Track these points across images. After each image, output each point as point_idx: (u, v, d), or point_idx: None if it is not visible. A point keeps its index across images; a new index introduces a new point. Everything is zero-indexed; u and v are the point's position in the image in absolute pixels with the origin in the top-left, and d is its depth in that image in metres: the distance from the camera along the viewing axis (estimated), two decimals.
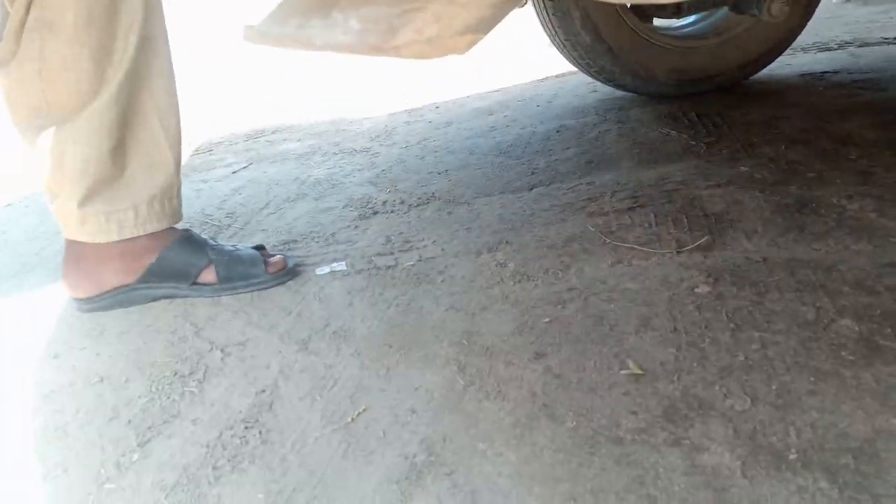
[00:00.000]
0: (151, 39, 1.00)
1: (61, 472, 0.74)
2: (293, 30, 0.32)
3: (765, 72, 1.93)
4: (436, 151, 1.74)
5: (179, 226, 1.12)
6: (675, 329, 0.82)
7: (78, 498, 0.69)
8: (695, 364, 0.75)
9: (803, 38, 2.17)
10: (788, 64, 2.04)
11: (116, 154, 1.02)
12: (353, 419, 0.76)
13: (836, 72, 1.89)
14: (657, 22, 1.89)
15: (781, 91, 1.78)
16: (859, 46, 2.17)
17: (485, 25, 0.32)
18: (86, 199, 1.00)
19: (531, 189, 1.37)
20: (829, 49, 2.19)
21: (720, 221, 1.09)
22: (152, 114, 1.03)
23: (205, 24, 4.33)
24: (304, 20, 0.32)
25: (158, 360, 0.93)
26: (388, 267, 1.12)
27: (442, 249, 1.16)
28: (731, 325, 0.81)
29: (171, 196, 1.06)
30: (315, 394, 0.82)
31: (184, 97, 1.11)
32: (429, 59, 0.32)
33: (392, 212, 1.37)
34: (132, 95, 1.00)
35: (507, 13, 0.34)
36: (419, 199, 1.42)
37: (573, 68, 1.98)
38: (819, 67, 1.96)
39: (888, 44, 2.14)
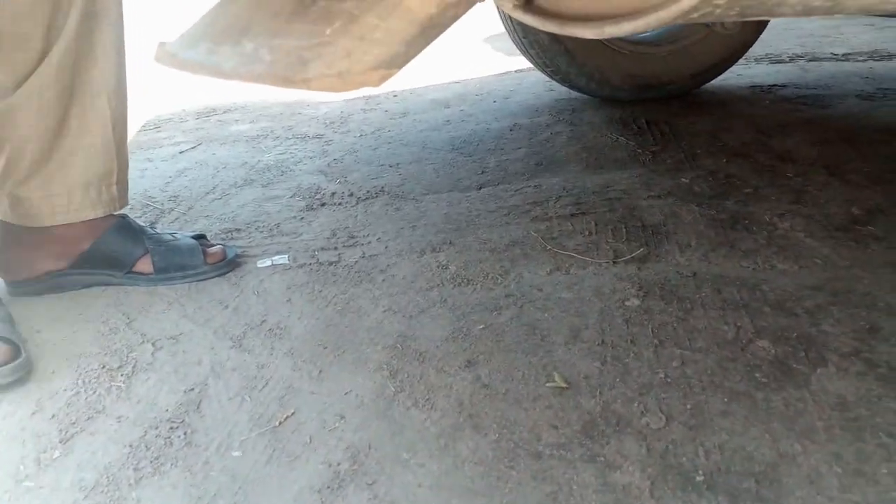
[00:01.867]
0: (97, 16, 0.97)
1: None
2: (203, 55, 0.32)
3: (717, 81, 1.98)
4: (389, 143, 1.73)
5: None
6: (603, 342, 0.85)
7: None
8: (617, 379, 0.77)
9: (757, 48, 2.22)
10: (740, 74, 2.09)
11: (55, 135, 0.98)
12: (280, 423, 0.76)
13: (784, 85, 1.94)
14: None
15: (729, 102, 1.82)
16: (809, 61, 2.23)
17: (399, 61, 0.33)
18: (19, 182, 0.98)
19: (479, 188, 1.38)
20: (780, 61, 2.25)
21: (657, 233, 1.12)
22: (99, 94, 0.99)
23: None
24: (215, 46, 0.32)
25: (87, 351, 0.92)
26: (331, 263, 1.12)
27: (386, 247, 1.16)
28: (655, 341, 0.83)
29: (109, 182, 1.03)
30: (245, 394, 0.81)
31: (135, 69, 1.08)
32: (340, 91, 0.32)
33: (339, 204, 1.37)
34: (77, 74, 0.97)
35: (422, 49, 0.35)
36: (368, 192, 1.42)
37: (529, 65, 1.99)
38: (769, 80, 2.01)
39: (836, 60, 2.21)
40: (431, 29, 0.32)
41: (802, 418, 0.69)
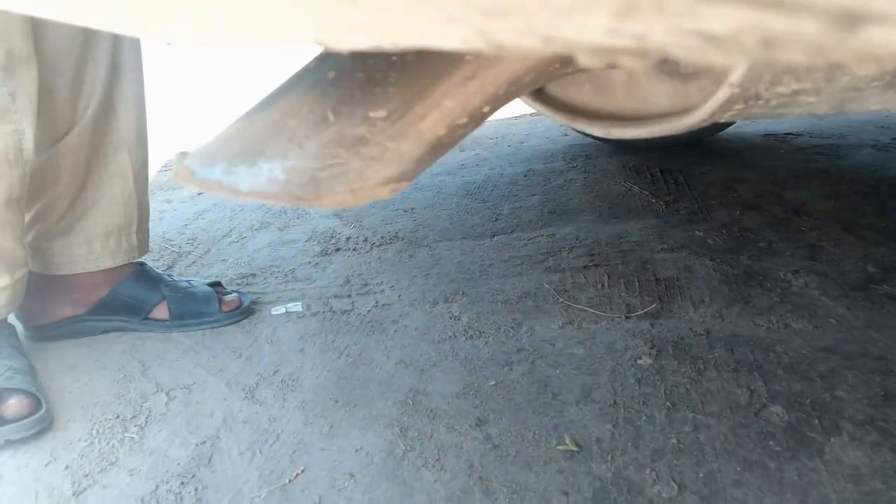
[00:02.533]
0: (119, 69, 1.00)
1: None
2: (220, 175, 0.33)
3: (731, 129, 1.99)
4: None
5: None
6: (615, 403, 0.84)
7: None
8: (629, 444, 0.77)
9: None
10: (755, 122, 2.10)
11: (79, 188, 1.01)
12: (290, 480, 0.76)
13: (798, 134, 1.94)
14: None
15: (743, 151, 1.83)
16: None
17: (408, 176, 0.34)
18: (40, 233, 1.00)
19: (493, 236, 1.39)
20: None
21: (670, 287, 1.12)
22: (120, 147, 1.02)
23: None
24: (231, 166, 0.33)
25: (102, 399, 0.93)
26: (344, 311, 1.13)
27: (399, 296, 1.17)
28: (668, 404, 0.83)
29: (129, 232, 1.05)
30: (256, 448, 0.82)
31: (156, 111, 1.10)
32: (349, 206, 0.33)
33: (354, 249, 1.38)
34: (103, 127, 1.00)
35: (431, 164, 0.36)
36: (382, 237, 1.43)
37: None
38: (783, 128, 2.02)
39: None
40: (440, 148, 0.33)
41: (816, 490, 0.68)
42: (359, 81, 0.32)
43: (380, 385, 0.93)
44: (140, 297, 1.05)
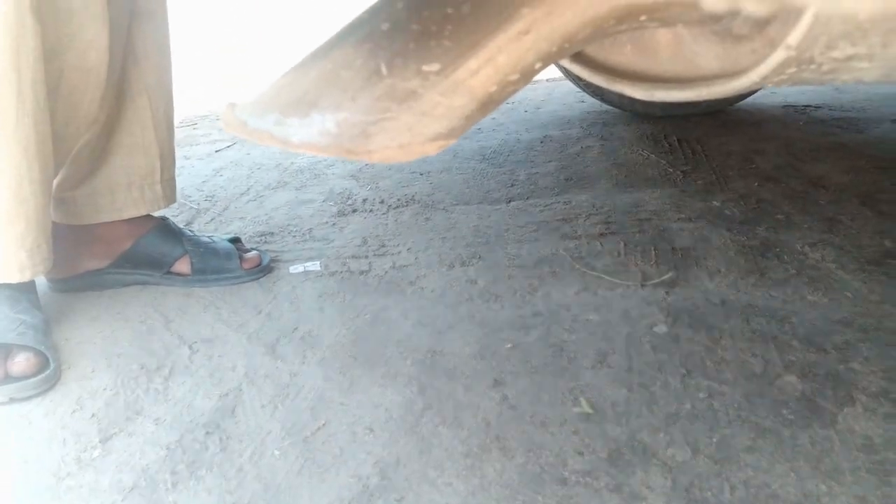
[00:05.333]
0: (139, 16, 0.98)
1: (22, 463, 0.75)
2: (271, 125, 0.33)
3: (749, 99, 1.97)
4: None
5: (158, 213, 1.12)
6: (630, 368, 0.86)
7: (36, 491, 0.71)
8: (644, 408, 0.78)
9: None
10: (773, 92, 2.08)
11: (101, 134, 1.01)
12: (312, 433, 0.78)
13: (818, 107, 1.93)
14: None
15: (762, 122, 1.81)
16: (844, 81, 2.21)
17: (456, 133, 0.34)
18: (64, 181, 1.00)
19: (509, 202, 1.39)
20: None
21: (686, 257, 1.12)
22: (141, 93, 1.02)
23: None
24: (283, 117, 0.33)
25: (126, 351, 0.94)
26: (362, 272, 1.14)
27: (416, 258, 1.18)
28: (683, 371, 0.84)
29: (152, 182, 1.06)
30: (277, 402, 0.84)
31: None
32: (398, 161, 0.34)
33: (371, 211, 1.39)
34: (123, 72, 0.99)
35: (479, 120, 0.36)
36: (399, 200, 1.43)
37: (561, 75, 1.99)
38: (803, 100, 2.00)
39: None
40: (489, 104, 0.33)
41: (828, 458, 0.70)
42: (413, 34, 0.32)
43: (398, 344, 0.94)
44: (163, 251, 1.06)
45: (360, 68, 0.32)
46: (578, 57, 0.50)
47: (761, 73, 0.35)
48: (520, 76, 0.33)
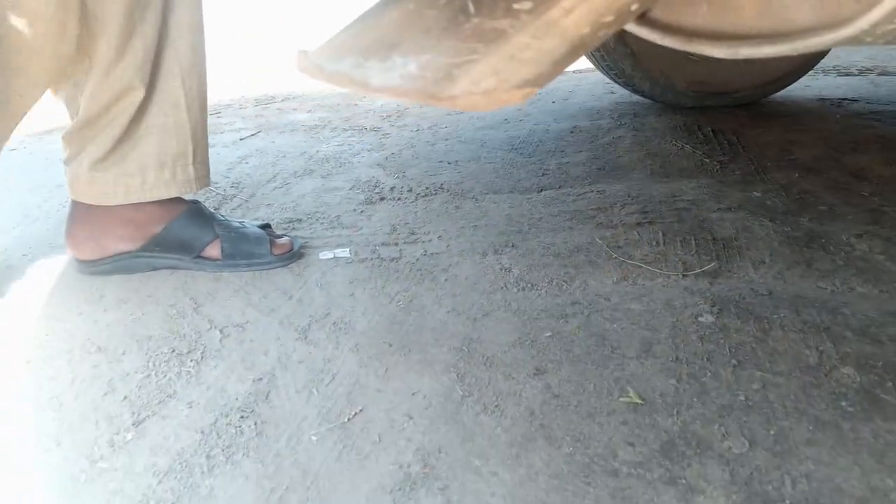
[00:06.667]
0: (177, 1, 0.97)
1: (54, 445, 0.73)
2: (349, 68, 0.31)
3: (783, 92, 1.92)
4: (446, 139, 1.72)
5: (188, 197, 1.10)
6: (677, 358, 0.82)
7: (70, 474, 0.69)
8: (695, 399, 0.75)
9: (824, 61, 2.16)
10: (808, 86, 2.03)
11: (134, 115, 0.99)
12: (349, 419, 0.76)
13: (854, 100, 1.88)
14: None
15: (798, 114, 1.77)
16: (880, 75, 2.16)
17: (542, 80, 0.31)
18: (99, 161, 0.99)
19: (540, 191, 1.36)
20: (849, 74, 2.18)
21: (728, 247, 1.09)
22: (174, 73, 0.99)
23: None
24: (362, 59, 0.31)
25: (156, 333, 0.93)
26: (392, 259, 1.12)
27: (447, 246, 1.15)
28: (733, 361, 0.81)
29: (184, 163, 1.04)
30: (312, 387, 0.81)
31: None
32: (482, 110, 0.31)
33: (399, 199, 1.36)
34: (157, 51, 0.97)
35: (566, 68, 0.33)
36: (427, 188, 1.41)
37: (590, 66, 1.96)
38: (838, 93, 1.95)
39: None
40: (580, 48, 0.31)
41: (893, 452, 0.66)
42: None
43: (433, 331, 0.92)
44: (194, 235, 1.04)
45: (445, 7, 0.30)
46: (646, 21, 0.47)
47: (872, 20, 0.32)
48: (615, 17, 0.30)
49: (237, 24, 3.78)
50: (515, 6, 0.29)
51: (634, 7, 0.30)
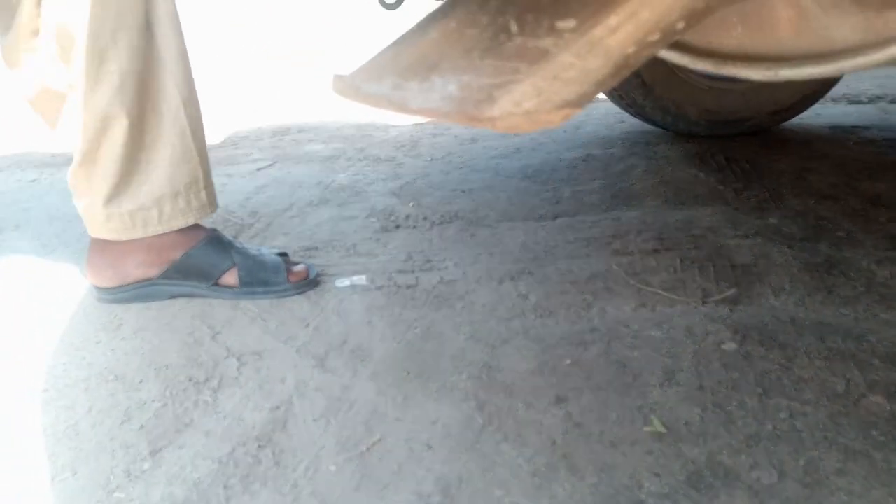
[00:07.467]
0: (152, 26, 0.94)
1: (70, 475, 0.72)
2: (388, 90, 0.31)
3: (794, 120, 1.93)
4: (460, 168, 1.73)
5: (208, 225, 1.10)
6: (701, 387, 0.81)
7: None
8: (721, 428, 0.74)
9: (834, 89, 2.16)
10: (819, 114, 2.03)
11: (142, 148, 1.00)
12: (367, 448, 0.75)
13: (866, 127, 1.88)
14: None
15: (810, 142, 1.77)
16: (890, 102, 2.16)
17: (584, 100, 0.31)
18: (111, 197, 0.99)
19: (555, 218, 1.36)
20: (859, 102, 2.18)
21: (747, 274, 1.08)
22: (176, 102, 0.99)
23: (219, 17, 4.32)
24: (402, 81, 0.31)
25: (173, 362, 0.92)
26: (409, 286, 1.11)
27: (463, 273, 1.15)
28: (759, 390, 0.79)
29: (197, 189, 1.04)
30: (330, 416, 0.80)
31: (209, 88, 1.09)
32: (522, 131, 0.31)
33: (414, 227, 1.36)
34: (151, 82, 0.96)
35: (607, 88, 0.33)
36: (442, 216, 1.41)
37: (602, 96, 1.97)
38: (849, 121, 1.95)
39: None
40: (623, 69, 0.31)
41: None
42: None
43: (452, 359, 0.91)
44: (212, 262, 1.04)
45: (487, 26, 0.30)
46: (676, 43, 0.47)
47: None
48: (660, 36, 0.30)
49: (222, 12, 3.83)
50: (559, 24, 0.29)
51: (680, 25, 0.30)
